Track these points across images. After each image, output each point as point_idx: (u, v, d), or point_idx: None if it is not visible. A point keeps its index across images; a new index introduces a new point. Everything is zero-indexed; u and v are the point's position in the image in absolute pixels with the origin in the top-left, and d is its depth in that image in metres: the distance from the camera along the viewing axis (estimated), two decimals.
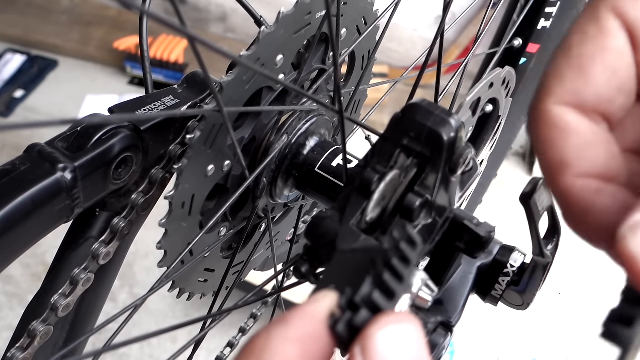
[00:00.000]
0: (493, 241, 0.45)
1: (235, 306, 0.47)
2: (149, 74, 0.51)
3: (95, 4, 2.60)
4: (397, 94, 2.11)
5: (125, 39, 2.37)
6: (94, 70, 2.43)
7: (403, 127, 0.36)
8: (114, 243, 0.47)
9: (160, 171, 0.47)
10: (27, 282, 1.74)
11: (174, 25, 0.25)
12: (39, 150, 0.42)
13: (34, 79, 2.36)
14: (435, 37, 0.50)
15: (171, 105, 0.48)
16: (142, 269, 1.81)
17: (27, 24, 2.51)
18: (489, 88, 0.59)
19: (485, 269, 0.46)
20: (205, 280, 0.57)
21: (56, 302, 0.47)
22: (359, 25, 0.57)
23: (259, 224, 0.59)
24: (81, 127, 0.44)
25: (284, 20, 0.46)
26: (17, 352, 0.46)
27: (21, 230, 0.40)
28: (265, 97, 0.50)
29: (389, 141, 0.36)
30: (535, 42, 0.81)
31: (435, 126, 0.35)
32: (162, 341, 1.66)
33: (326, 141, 0.55)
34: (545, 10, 0.80)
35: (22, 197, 0.39)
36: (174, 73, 2.30)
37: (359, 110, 0.68)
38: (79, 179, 0.42)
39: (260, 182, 0.52)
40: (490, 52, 0.80)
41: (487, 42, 0.86)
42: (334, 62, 0.40)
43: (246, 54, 0.45)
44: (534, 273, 0.44)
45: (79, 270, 0.47)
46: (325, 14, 0.49)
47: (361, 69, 0.61)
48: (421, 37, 2.25)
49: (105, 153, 0.44)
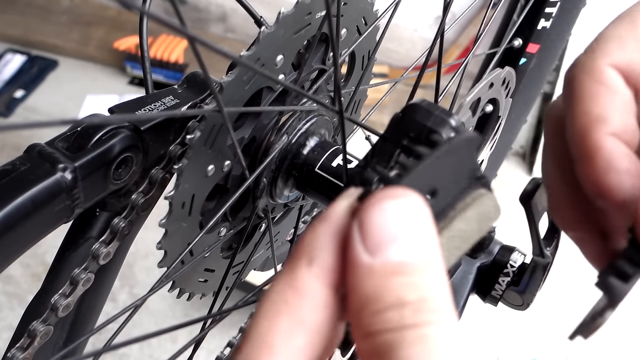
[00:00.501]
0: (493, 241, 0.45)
1: (235, 306, 0.47)
2: (149, 74, 0.51)
3: (95, 4, 2.60)
4: (397, 94, 2.11)
5: (125, 39, 2.37)
6: (94, 70, 2.43)
7: (403, 127, 0.36)
8: (114, 243, 0.47)
9: (160, 171, 0.47)
10: (27, 282, 1.74)
11: (174, 25, 0.25)
12: (39, 150, 0.42)
13: (34, 79, 2.36)
14: (435, 37, 0.50)
15: (171, 106, 0.48)
16: (142, 269, 1.81)
17: (27, 24, 2.51)
18: (489, 88, 0.59)
19: (485, 269, 0.46)
20: (205, 280, 0.57)
21: (56, 302, 0.47)
22: (359, 26, 0.57)
23: (259, 224, 0.59)
24: (81, 127, 0.44)
25: (284, 20, 0.46)
26: (17, 352, 0.46)
27: (21, 230, 0.40)
28: (265, 97, 0.50)
29: (389, 141, 0.36)
30: (535, 42, 0.81)
31: (435, 126, 0.34)
32: (162, 341, 1.66)
33: (326, 141, 0.55)
34: (545, 10, 0.80)
35: (22, 197, 0.39)
36: (174, 73, 2.30)
37: (359, 110, 0.68)
38: (79, 179, 0.42)
39: (260, 182, 0.52)
40: (490, 52, 0.80)
41: (487, 42, 0.86)
42: (334, 62, 0.40)
43: (246, 54, 0.45)
44: (534, 273, 0.45)
45: (79, 270, 0.47)
46: (325, 14, 0.49)
47: (361, 69, 0.61)
48: (421, 37, 2.25)
49: (105, 153, 0.44)
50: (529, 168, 2.02)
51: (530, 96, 0.92)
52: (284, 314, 0.22)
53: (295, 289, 0.23)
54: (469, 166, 0.27)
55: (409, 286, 0.21)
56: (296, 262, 0.23)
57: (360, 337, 0.21)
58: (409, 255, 0.22)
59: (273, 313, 0.22)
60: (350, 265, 0.22)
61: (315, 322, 0.22)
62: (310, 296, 0.22)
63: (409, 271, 0.21)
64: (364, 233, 0.22)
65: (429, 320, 0.21)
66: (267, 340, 0.22)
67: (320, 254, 0.23)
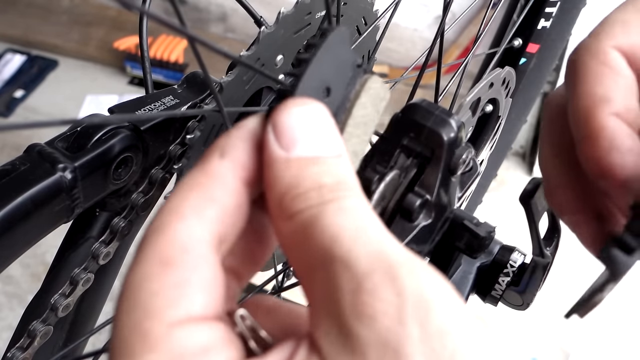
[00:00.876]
0: (493, 241, 0.45)
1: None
2: (149, 74, 0.51)
3: (95, 4, 2.60)
4: (397, 94, 2.11)
5: (125, 39, 2.37)
6: (94, 70, 2.43)
7: (403, 127, 0.36)
8: (114, 243, 0.48)
9: (160, 171, 0.47)
10: (27, 282, 1.74)
11: (174, 25, 0.25)
12: (39, 150, 0.42)
13: (34, 79, 2.36)
14: (435, 37, 0.50)
15: (171, 105, 0.48)
16: None
17: (27, 24, 2.51)
18: (489, 88, 0.59)
19: (485, 269, 0.46)
20: None
21: (56, 302, 0.47)
22: (359, 26, 0.57)
23: None
24: (81, 127, 0.44)
25: (284, 20, 0.46)
26: (17, 352, 0.46)
27: (21, 230, 0.40)
28: (265, 97, 0.50)
29: (388, 141, 0.36)
30: (535, 42, 0.81)
31: (435, 126, 0.35)
32: None
33: None
34: (545, 10, 0.80)
35: (22, 197, 0.39)
36: (174, 73, 2.30)
37: None
38: (79, 179, 0.42)
39: None
40: (490, 52, 0.80)
41: (487, 42, 0.86)
42: None
43: (246, 54, 0.45)
44: (533, 273, 0.44)
45: (78, 270, 0.47)
46: (325, 14, 0.49)
47: None
48: (421, 37, 2.25)
49: (105, 153, 0.44)
50: (529, 168, 2.02)
51: (530, 96, 0.92)
52: (195, 190, 0.24)
53: (206, 173, 0.25)
54: (348, 58, 0.29)
55: (324, 173, 0.24)
56: (209, 154, 0.26)
57: (284, 221, 0.24)
58: (321, 148, 0.25)
59: (185, 190, 0.24)
60: (268, 161, 0.25)
61: (225, 202, 0.24)
62: (221, 180, 0.25)
63: (323, 161, 0.25)
64: (278, 133, 0.25)
65: (345, 195, 0.24)
66: (178, 210, 0.24)
67: (233, 150, 0.25)
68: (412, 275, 0.21)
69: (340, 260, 0.22)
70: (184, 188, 0.25)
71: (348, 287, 0.21)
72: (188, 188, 0.25)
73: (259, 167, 0.25)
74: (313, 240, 0.23)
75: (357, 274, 0.21)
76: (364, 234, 0.22)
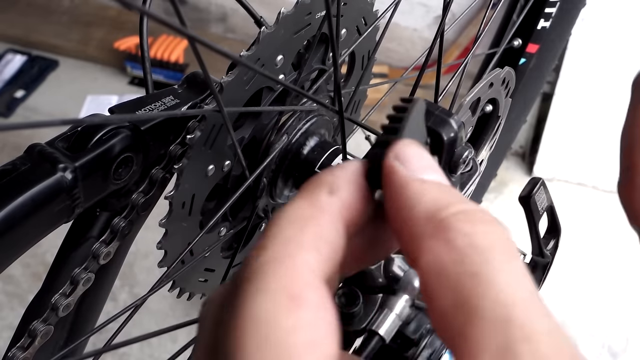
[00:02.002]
0: None
1: None
2: (149, 74, 0.51)
3: (96, 4, 2.60)
4: (397, 94, 2.10)
5: (126, 39, 2.37)
6: (94, 70, 2.43)
7: None
8: (114, 243, 0.48)
9: (161, 171, 0.47)
10: (28, 282, 1.74)
11: (174, 25, 0.25)
12: (40, 150, 0.42)
13: (35, 79, 2.35)
14: (435, 37, 0.50)
15: (171, 106, 0.48)
16: (142, 269, 1.81)
17: (27, 24, 2.50)
18: (489, 88, 0.60)
19: None
20: (206, 280, 0.57)
21: (56, 301, 0.47)
22: (359, 26, 0.57)
23: (259, 224, 0.59)
24: (81, 127, 0.44)
25: (284, 20, 0.46)
26: (17, 351, 0.46)
27: (21, 230, 0.40)
28: (265, 97, 0.50)
29: None
30: (534, 42, 0.81)
31: (435, 126, 0.35)
32: (162, 341, 1.66)
33: (326, 141, 0.55)
34: (545, 11, 0.80)
35: (22, 197, 0.40)
36: (174, 73, 2.30)
37: (359, 110, 0.68)
38: (80, 179, 0.42)
39: (260, 182, 0.52)
40: (490, 52, 0.80)
41: (487, 42, 0.86)
42: (334, 62, 0.40)
43: (246, 54, 0.45)
44: (533, 273, 0.45)
45: (79, 270, 0.47)
46: (325, 14, 0.49)
47: (361, 69, 0.61)
48: (421, 37, 2.25)
49: (105, 153, 0.44)
50: (529, 168, 2.02)
51: (530, 96, 0.92)
52: (310, 225, 0.23)
53: (318, 208, 0.24)
54: (423, 118, 0.31)
55: (454, 194, 0.25)
56: (316, 189, 0.25)
57: (434, 239, 0.23)
58: (442, 177, 0.26)
59: (298, 220, 0.23)
60: (399, 184, 0.25)
61: (335, 241, 0.24)
62: (330, 217, 0.24)
63: (447, 187, 0.25)
64: (405, 162, 0.26)
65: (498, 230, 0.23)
66: (298, 242, 0.23)
67: (341, 189, 0.25)
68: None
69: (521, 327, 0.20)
70: (296, 218, 0.24)
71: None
72: (302, 219, 0.24)
73: (362, 209, 0.25)
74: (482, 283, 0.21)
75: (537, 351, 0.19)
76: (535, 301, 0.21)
